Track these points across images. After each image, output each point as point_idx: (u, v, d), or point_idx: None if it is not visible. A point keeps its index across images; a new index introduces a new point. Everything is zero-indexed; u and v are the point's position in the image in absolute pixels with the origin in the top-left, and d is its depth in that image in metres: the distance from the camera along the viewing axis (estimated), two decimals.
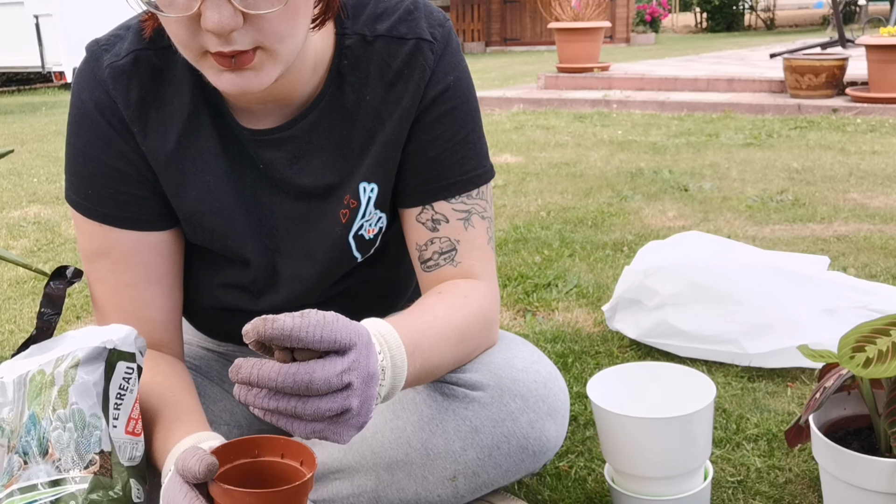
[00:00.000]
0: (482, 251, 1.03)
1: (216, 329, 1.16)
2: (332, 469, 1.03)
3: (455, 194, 1.01)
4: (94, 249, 1.01)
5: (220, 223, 1.01)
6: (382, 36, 0.98)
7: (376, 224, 1.05)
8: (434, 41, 0.99)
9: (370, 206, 1.03)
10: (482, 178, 1.03)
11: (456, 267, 1.02)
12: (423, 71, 0.98)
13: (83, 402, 0.81)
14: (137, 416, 0.87)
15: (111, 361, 0.84)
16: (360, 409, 0.75)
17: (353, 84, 0.99)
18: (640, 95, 6.39)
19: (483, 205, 1.04)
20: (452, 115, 1.00)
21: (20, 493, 0.78)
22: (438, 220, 1.02)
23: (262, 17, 0.81)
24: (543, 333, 1.88)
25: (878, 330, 0.99)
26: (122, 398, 0.85)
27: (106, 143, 0.98)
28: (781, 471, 1.29)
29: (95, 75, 0.97)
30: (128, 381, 0.86)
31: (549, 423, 0.99)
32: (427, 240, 1.02)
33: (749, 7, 18.55)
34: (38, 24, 9.19)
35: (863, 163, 3.74)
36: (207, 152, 0.99)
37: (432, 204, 1.02)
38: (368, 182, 1.01)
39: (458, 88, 1.01)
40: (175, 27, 0.82)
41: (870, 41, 5.29)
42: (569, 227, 2.82)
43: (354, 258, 1.05)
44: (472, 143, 1.02)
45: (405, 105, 0.99)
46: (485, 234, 1.04)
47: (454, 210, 1.02)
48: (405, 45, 0.98)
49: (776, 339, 1.60)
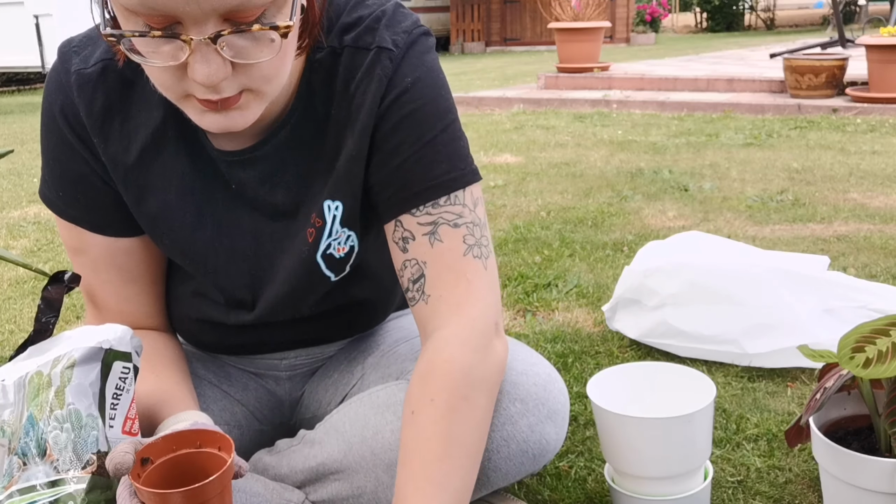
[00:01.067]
0: (453, 270, 0.93)
1: (197, 339, 1.16)
2: (331, 470, 1.03)
3: (418, 204, 0.94)
4: (72, 246, 1.03)
5: (180, 240, 1.00)
6: (348, 47, 0.94)
7: (346, 242, 1.01)
8: (394, 49, 0.94)
9: (336, 225, 0.99)
10: (456, 183, 0.94)
11: (427, 304, 0.94)
12: (381, 80, 0.93)
13: (80, 403, 0.81)
14: (134, 415, 0.87)
15: (107, 361, 0.84)
16: None
17: (322, 98, 0.96)
18: (640, 95, 6.39)
19: (457, 210, 0.94)
20: (412, 119, 0.94)
21: (19, 494, 0.78)
22: (406, 239, 0.95)
23: (252, 65, 0.79)
24: (543, 333, 1.88)
25: (878, 330, 0.99)
26: (118, 398, 0.85)
27: (70, 149, 0.97)
28: (781, 471, 1.29)
29: (61, 80, 0.95)
30: (124, 381, 0.86)
31: (548, 426, 0.99)
32: (401, 263, 0.96)
33: (749, 7, 18.54)
34: (38, 24, 9.19)
35: (863, 163, 3.74)
36: (172, 170, 0.97)
37: (400, 219, 0.95)
38: (333, 200, 0.98)
39: (419, 90, 0.94)
40: (158, 74, 0.80)
41: (870, 41, 5.29)
42: (569, 227, 2.82)
43: (327, 277, 1.02)
44: (439, 145, 0.94)
45: (363, 118, 0.94)
46: (459, 244, 0.94)
47: (419, 224, 0.94)
48: (367, 56, 0.94)
49: (776, 339, 1.60)
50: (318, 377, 1.20)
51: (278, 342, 1.14)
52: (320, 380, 1.19)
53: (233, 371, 1.18)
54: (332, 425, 1.05)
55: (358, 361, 1.17)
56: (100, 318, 1.05)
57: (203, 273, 1.03)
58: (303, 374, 1.21)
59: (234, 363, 1.19)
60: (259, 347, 1.15)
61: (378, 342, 1.18)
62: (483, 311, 0.94)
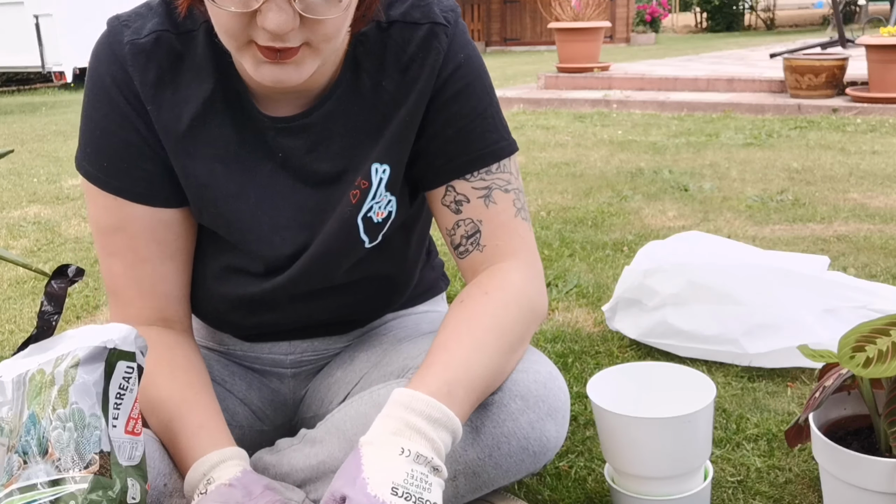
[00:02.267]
0: (507, 227, 1.03)
1: (221, 319, 1.16)
2: (332, 469, 1.03)
3: (473, 170, 1.02)
4: (109, 224, 1.02)
5: (224, 210, 1.02)
6: (397, 21, 1.00)
7: (385, 207, 1.05)
8: (447, 24, 1.01)
9: (381, 188, 1.03)
10: (504, 151, 1.04)
11: (482, 252, 1.03)
12: (438, 53, 1.00)
13: (83, 402, 0.81)
14: (137, 415, 0.87)
15: (111, 361, 0.84)
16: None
17: (369, 70, 1.01)
18: (640, 95, 6.39)
19: (506, 177, 1.04)
20: (467, 92, 1.02)
21: (20, 492, 0.78)
22: (460, 202, 1.03)
23: (318, 20, 0.83)
24: (543, 333, 1.88)
25: (878, 330, 0.99)
26: (121, 398, 0.85)
27: (122, 118, 0.99)
28: (781, 471, 1.29)
29: (114, 51, 0.98)
30: (128, 381, 0.86)
31: (549, 424, 0.99)
32: (453, 223, 1.04)
33: (749, 7, 18.54)
34: (38, 24, 9.20)
35: (863, 163, 3.74)
36: (219, 140, 1.00)
37: (453, 184, 1.03)
38: (381, 163, 1.03)
39: (471, 66, 1.02)
40: (226, 18, 0.84)
41: (870, 41, 5.29)
42: (569, 227, 2.82)
43: (362, 241, 1.05)
44: (490, 117, 1.03)
45: (420, 88, 1.00)
46: (510, 207, 1.04)
47: (473, 188, 1.02)
48: (419, 30, 1.00)
49: (776, 339, 1.60)
50: (320, 376, 1.20)
51: (297, 324, 1.14)
52: (322, 378, 1.20)
53: (238, 370, 1.18)
54: (333, 424, 1.05)
55: (360, 360, 1.17)
56: (125, 313, 1.05)
57: (243, 243, 1.04)
58: (307, 371, 1.21)
59: (240, 361, 1.19)
60: (278, 328, 1.14)
61: (381, 341, 1.18)
62: (534, 258, 1.05)
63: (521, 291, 1.00)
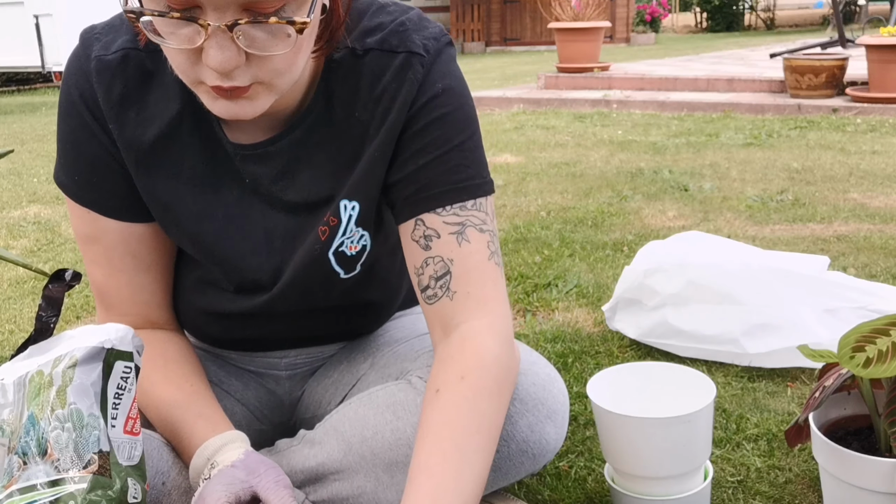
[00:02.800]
0: (480, 271, 0.94)
1: (202, 331, 1.16)
2: (331, 470, 1.03)
3: (446, 204, 0.94)
4: (86, 233, 1.03)
5: (188, 230, 1.01)
6: (373, 49, 0.95)
7: (359, 241, 1.02)
8: (425, 54, 0.95)
9: (351, 224, 1.00)
10: (480, 190, 0.96)
11: (452, 300, 0.94)
12: (412, 84, 0.94)
13: (81, 403, 0.81)
14: (136, 415, 0.87)
15: (109, 361, 0.84)
16: None
17: (342, 98, 0.96)
18: (640, 95, 6.39)
19: (482, 216, 0.96)
20: (443, 122, 0.95)
21: (19, 493, 0.78)
22: (430, 237, 0.95)
23: (265, 56, 0.80)
24: (543, 333, 1.88)
25: (878, 330, 0.99)
26: (119, 398, 0.85)
27: (89, 133, 0.98)
28: (781, 471, 1.29)
29: (82, 65, 0.97)
30: (125, 381, 0.86)
31: (548, 426, 0.99)
32: (422, 261, 0.95)
33: (749, 7, 18.54)
34: (38, 24, 9.19)
35: (863, 163, 3.74)
36: (183, 161, 0.98)
37: (423, 217, 0.95)
38: (350, 200, 0.99)
39: (450, 95, 0.96)
40: (174, 55, 0.82)
41: (870, 41, 5.29)
42: (569, 227, 2.82)
43: (336, 273, 1.03)
44: (468, 150, 0.96)
45: (392, 120, 0.95)
46: (484, 248, 0.95)
47: (445, 223, 0.94)
48: (395, 59, 0.95)
49: (776, 339, 1.60)
50: (317, 377, 1.20)
51: (282, 338, 1.15)
52: (320, 380, 1.20)
53: (233, 370, 1.18)
54: (331, 425, 1.05)
55: (358, 361, 1.17)
56: (110, 318, 1.05)
57: (211, 262, 1.04)
58: (302, 373, 1.21)
59: (234, 362, 1.19)
60: (262, 342, 1.15)
61: (378, 342, 1.18)
62: (506, 312, 0.96)
63: (498, 364, 0.91)
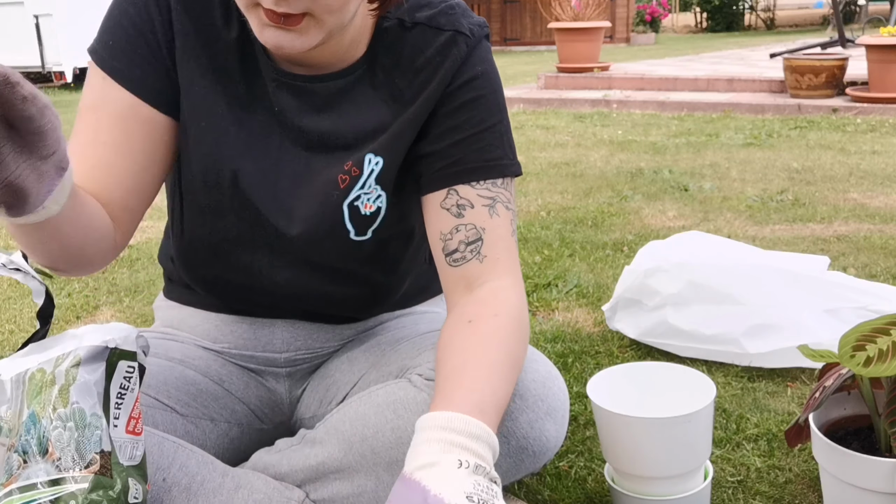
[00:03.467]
0: (506, 242, 1.02)
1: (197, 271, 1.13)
2: (332, 469, 1.03)
3: (480, 178, 1.01)
4: (89, 103, 1.01)
5: (206, 137, 1.02)
6: (421, 24, 1.02)
7: (374, 201, 1.05)
8: (470, 36, 1.02)
9: (371, 179, 1.03)
10: (508, 169, 1.03)
11: (482, 262, 1.00)
12: (454, 60, 1.01)
13: (84, 402, 0.81)
14: (138, 414, 0.87)
15: (112, 361, 0.84)
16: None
17: (384, 64, 1.02)
18: (640, 95, 6.39)
19: (508, 195, 1.03)
20: (480, 103, 1.02)
21: (19, 492, 0.78)
22: (463, 206, 1.01)
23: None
24: (543, 333, 1.88)
25: (879, 329, 0.99)
26: (122, 398, 0.85)
27: (146, 9, 0.99)
28: (781, 471, 1.29)
29: None
30: (129, 381, 0.86)
31: (548, 423, 0.99)
32: (452, 227, 1.01)
33: (749, 7, 18.55)
34: (38, 24, 9.20)
35: (863, 163, 3.75)
36: (226, 68, 1.01)
37: (456, 188, 1.01)
38: (376, 155, 1.03)
39: (487, 79, 1.03)
40: None
41: (870, 41, 5.29)
42: (569, 227, 2.82)
43: (347, 230, 1.05)
44: (499, 133, 1.03)
45: (430, 90, 1.01)
46: (509, 224, 1.03)
47: (479, 196, 1.01)
48: (441, 36, 1.02)
49: (776, 339, 1.60)
50: (318, 376, 1.20)
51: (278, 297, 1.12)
52: (321, 379, 1.20)
53: (234, 369, 1.18)
54: (332, 424, 1.05)
55: (358, 361, 1.17)
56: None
57: (216, 187, 1.03)
58: (302, 371, 1.21)
59: (235, 360, 1.19)
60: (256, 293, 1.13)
61: (378, 341, 1.18)
62: (521, 284, 1.03)
63: (521, 313, 0.99)
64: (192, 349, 1.18)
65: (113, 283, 2.40)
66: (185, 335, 1.20)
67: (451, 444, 0.81)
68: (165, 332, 1.20)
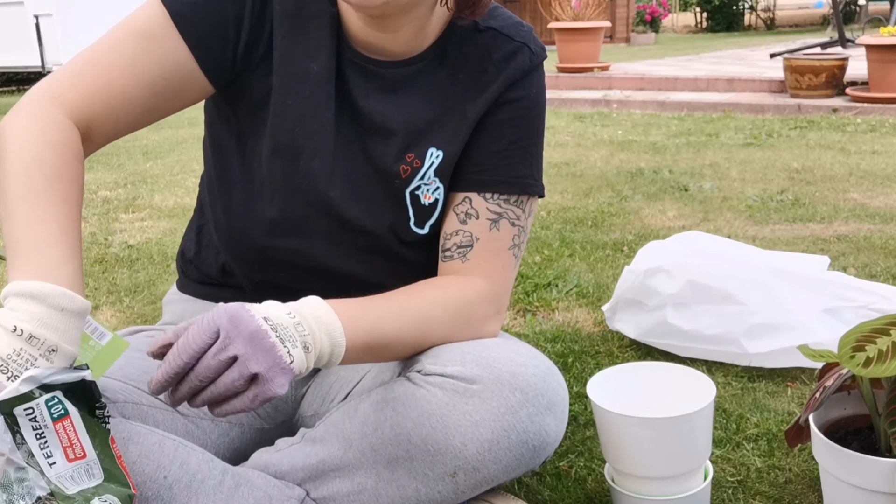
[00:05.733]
0: (497, 254, 1.08)
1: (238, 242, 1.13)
2: (332, 467, 1.03)
3: (495, 192, 1.07)
4: (145, 29, 0.99)
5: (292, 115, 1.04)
6: (493, 29, 1.07)
7: (433, 193, 1.09)
8: (537, 54, 1.09)
9: (430, 171, 1.08)
10: (528, 188, 1.08)
11: (464, 263, 1.08)
12: (517, 69, 1.07)
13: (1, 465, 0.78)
14: (73, 439, 0.83)
15: (5, 411, 0.79)
16: (269, 366, 0.83)
17: (452, 60, 1.07)
18: (640, 95, 6.39)
19: (518, 213, 1.09)
20: (524, 123, 1.08)
21: None
22: (470, 215, 1.08)
23: None
24: (543, 333, 1.88)
25: (879, 329, 0.99)
26: (43, 436, 0.81)
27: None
28: (781, 471, 1.29)
29: None
30: (35, 419, 0.80)
31: (548, 418, 0.99)
32: (454, 230, 1.08)
33: (749, 7, 18.54)
34: (38, 24, 9.20)
35: (863, 163, 3.75)
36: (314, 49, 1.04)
37: (471, 196, 1.08)
38: (437, 148, 1.07)
39: (535, 101, 1.09)
40: None
41: (870, 41, 5.29)
42: (569, 227, 2.83)
43: (408, 217, 1.09)
44: (531, 155, 1.09)
45: (490, 92, 1.06)
46: (509, 239, 1.08)
47: (487, 209, 1.08)
48: (511, 44, 1.07)
49: (776, 339, 1.60)
50: (321, 374, 1.21)
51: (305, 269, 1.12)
52: (324, 377, 1.20)
53: None
54: (332, 423, 1.05)
55: None
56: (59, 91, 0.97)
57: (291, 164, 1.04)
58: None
59: None
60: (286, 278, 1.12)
61: None
62: (502, 290, 1.09)
63: (467, 306, 1.05)
64: None
65: (113, 283, 2.40)
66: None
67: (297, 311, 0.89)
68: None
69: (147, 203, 3.47)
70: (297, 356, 0.86)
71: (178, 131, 5.54)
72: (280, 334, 0.85)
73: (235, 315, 0.84)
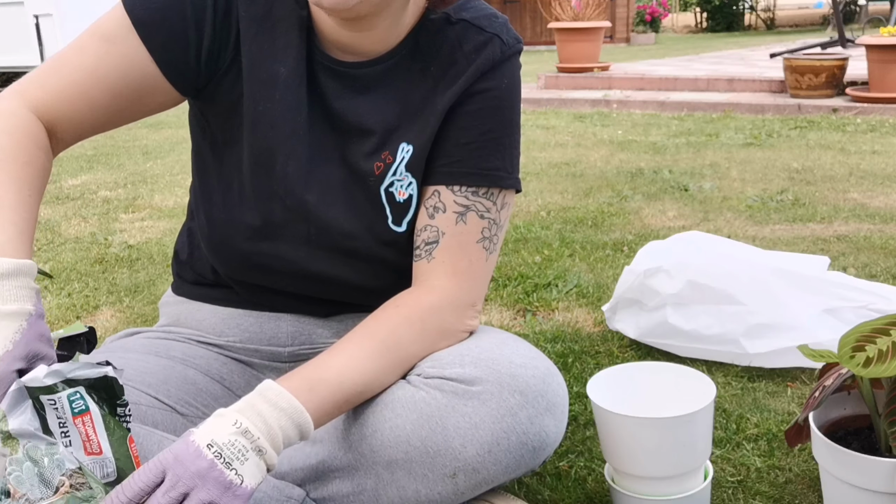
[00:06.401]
0: (464, 248, 1.05)
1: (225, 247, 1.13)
2: (332, 468, 1.03)
3: (463, 185, 1.05)
4: (106, 31, 1.00)
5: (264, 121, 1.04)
6: (464, 21, 1.06)
7: (407, 188, 1.08)
8: (508, 45, 1.06)
9: (401, 167, 1.07)
10: (499, 181, 1.06)
11: (429, 263, 1.06)
12: (488, 60, 1.05)
13: (32, 440, 0.80)
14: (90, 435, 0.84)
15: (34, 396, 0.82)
16: (221, 493, 0.82)
17: (424, 53, 1.06)
18: (640, 95, 6.39)
19: (488, 205, 1.06)
20: (493, 113, 1.05)
21: None
22: (438, 209, 1.06)
23: None
24: (543, 333, 1.88)
25: (879, 329, 0.99)
26: (65, 425, 0.83)
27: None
28: (781, 471, 1.29)
29: None
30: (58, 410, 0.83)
31: (548, 419, 0.99)
32: (423, 226, 1.07)
33: (749, 7, 18.55)
34: (38, 24, 9.20)
35: (863, 163, 3.75)
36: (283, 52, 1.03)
37: (439, 189, 1.06)
38: (408, 143, 1.06)
39: (508, 93, 1.06)
40: None
41: (870, 41, 5.29)
42: (569, 227, 2.82)
43: (386, 216, 1.08)
44: (503, 146, 1.06)
45: (460, 84, 1.04)
46: (477, 232, 1.06)
47: (455, 202, 1.05)
48: (482, 35, 1.05)
49: (776, 339, 1.60)
50: None
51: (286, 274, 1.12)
52: None
53: (235, 367, 1.18)
54: (331, 424, 1.05)
55: None
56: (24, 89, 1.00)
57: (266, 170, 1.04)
58: None
59: (238, 354, 1.19)
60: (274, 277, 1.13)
61: None
62: (471, 285, 1.07)
63: (432, 313, 1.03)
64: (193, 347, 1.18)
65: (113, 283, 2.40)
66: (188, 332, 1.20)
67: (249, 407, 0.88)
68: (168, 332, 1.21)
69: (147, 203, 3.47)
70: (248, 472, 0.84)
71: (178, 131, 5.54)
72: (226, 457, 0.83)
73: (180, 454, 0.83)
